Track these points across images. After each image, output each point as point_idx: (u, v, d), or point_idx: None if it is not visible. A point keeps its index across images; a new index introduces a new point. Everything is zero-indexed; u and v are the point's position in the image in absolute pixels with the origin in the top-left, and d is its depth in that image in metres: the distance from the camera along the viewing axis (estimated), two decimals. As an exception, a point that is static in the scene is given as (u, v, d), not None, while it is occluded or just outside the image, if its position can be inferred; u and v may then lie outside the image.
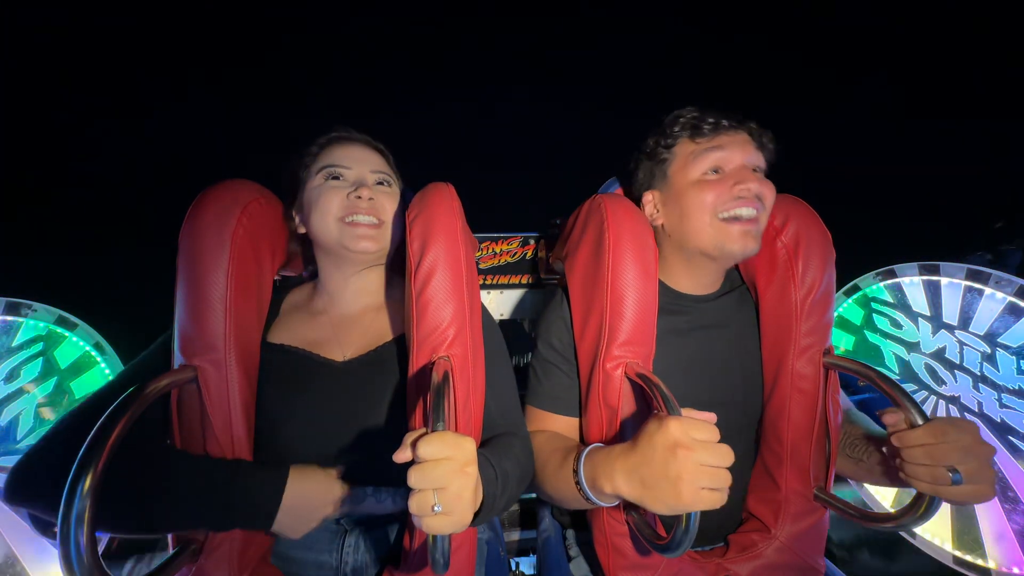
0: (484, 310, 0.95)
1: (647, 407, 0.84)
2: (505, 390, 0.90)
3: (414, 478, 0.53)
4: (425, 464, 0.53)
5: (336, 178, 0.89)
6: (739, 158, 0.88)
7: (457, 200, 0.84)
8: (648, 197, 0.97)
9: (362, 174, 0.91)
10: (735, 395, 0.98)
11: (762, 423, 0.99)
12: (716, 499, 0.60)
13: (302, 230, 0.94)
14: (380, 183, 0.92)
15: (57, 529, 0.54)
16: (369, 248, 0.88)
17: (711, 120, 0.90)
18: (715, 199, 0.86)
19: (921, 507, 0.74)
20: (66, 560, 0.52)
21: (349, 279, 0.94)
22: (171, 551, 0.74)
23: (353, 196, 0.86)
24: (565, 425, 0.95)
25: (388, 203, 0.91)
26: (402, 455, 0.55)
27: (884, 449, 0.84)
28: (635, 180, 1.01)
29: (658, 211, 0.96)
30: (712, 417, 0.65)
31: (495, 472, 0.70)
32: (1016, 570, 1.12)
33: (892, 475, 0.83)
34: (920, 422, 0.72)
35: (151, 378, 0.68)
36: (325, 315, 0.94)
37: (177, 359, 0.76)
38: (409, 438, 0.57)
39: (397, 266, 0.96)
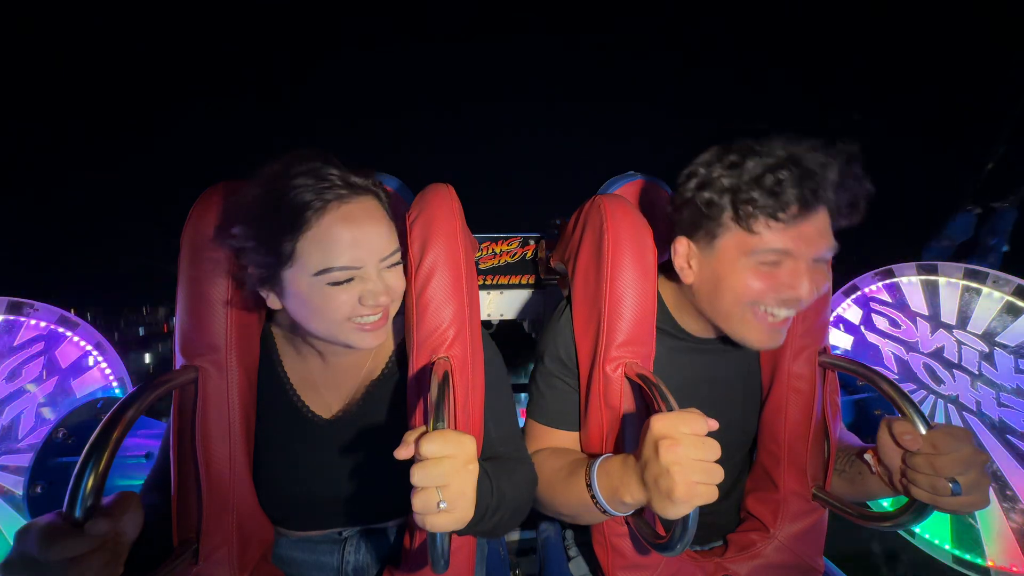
0: (487, 338, 0.92)
1: (647, 408, 0.84)
2: (506, 418, 0.89)
3: (417, 476, 0.53)
4: (428, 462, 0.54)
5: (342, 283, 0.69)
6: (807, 254, 0.74)
7: (457, 201, 0.84)
8: (683, 245, 0.83)
9: (369, 269, 0.70)
10: (735, 413, 0.97)
11: (759, 425, 0.99)
12: (709, 493, 0.60)
13: (274, 305, 0.74)
14: (390, 266, 0.74)
15: None
16: (379, 341, 0.76)
17: (797, 197, 0.70)
18: (758, 295, 0.75)
19: (916, 509, 0.74)
20: None
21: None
22: (171, 553, 0.74)
23: (365, 303, 0.70)
24: (567, 440, 0.94)
25: (399, 280, 0.75)
26: (403, 452, 0.56)
27: (867, 456, 0.84)
28: (675, 212, 0.86)
29: (690, 266, 0.83)
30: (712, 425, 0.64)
31: (491, 485, 0.70)
32: (1015, 569, 1.12)
33: (873, 483, 0.83)
34: (921, 427, 0.72)
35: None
36: (316, 355, 0.84)
37: (178, 360, 0.76)
38: (410, 436, 0.57)
39: None
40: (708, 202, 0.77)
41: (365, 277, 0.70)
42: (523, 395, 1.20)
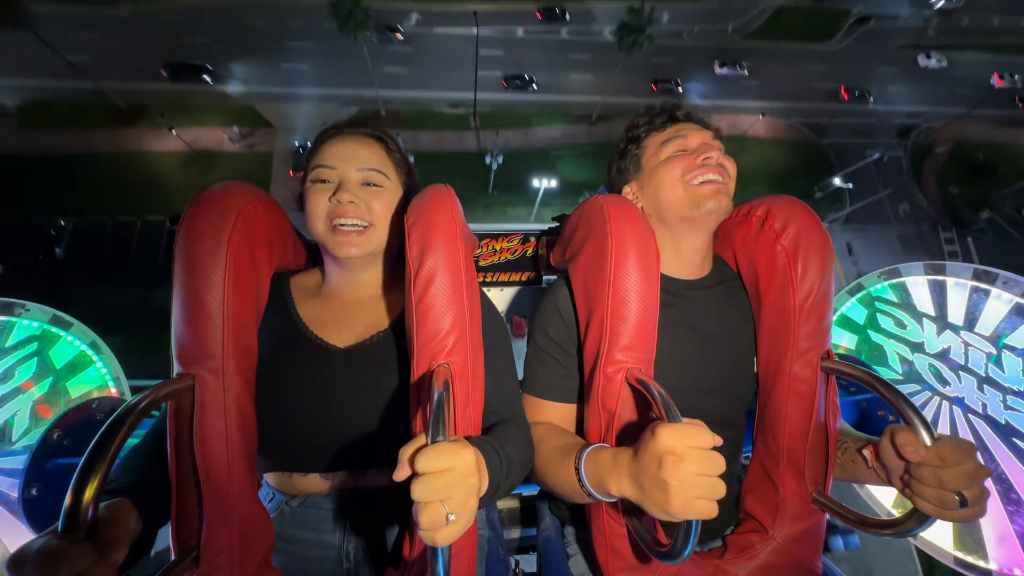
0: (486, 299, 0.95)
1: (647, 411, 0.83)
2: (505, 378, 0.91)
3: (418, 491, 0.53)
4: (428, 476, 0.53)
5: (322, 181, 0.87)
6: (698, 138, 0.99)
7: (456, 203, 0.83)
8: (627, 189, 1.05)
9: (346, 173, 0.87)
10: (722, 383, 0.98)
11: (760, 425, 0.99)
12: (708, 509, 0.60)
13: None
14: (367, 183, 0.88)
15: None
16: (354, 254, 0.86)
17: (665, 113, 1.02)
18: (683, 169, 0.95)
19: (919, 518, 0.74)
20: None
21: (350, 273, 0.94)
22: (171, 559, 0.74)
23: (334, 200, 0.85)
24: (561, 412, 0.96)
25: (376, 203, 0.88)
26: (401, 473, 0.55)
27: (865, 452, 0.85)
28: (614, 182, 1.09)
29: (637, 197, 1.03)
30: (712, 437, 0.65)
31: (500, 458, 0.71)
32: (1017, 571, 1.12)
33: (866, 473, 0.85)
34: (927, 439, 0.72)
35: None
36: (329, 298, 0.95)
37: (175, 368, 0.75)
38: (404, 454, 0.56)
39: (400, 257, 0.95)
40: (625, 148, 1.06)
41: (342, 179, 0.86)
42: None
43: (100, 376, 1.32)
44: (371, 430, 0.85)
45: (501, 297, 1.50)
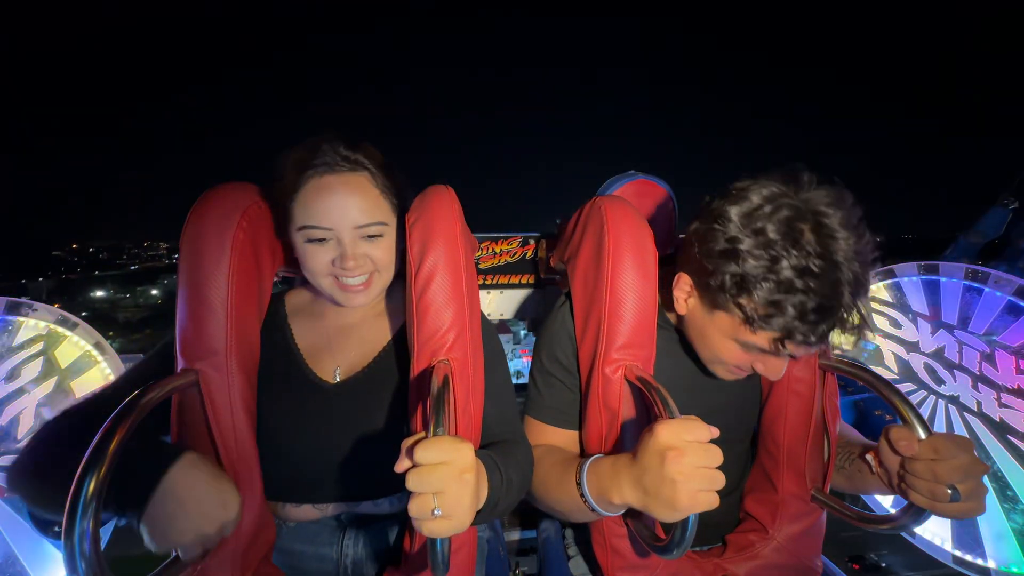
0: (484, 319, 0.94)
1: (647, 410, 0.84)
2: (503, 397, 0.90)
3: (412, 482, 0.53)
4: (423, 468, 0.53)
5: (318, 240, 0.79)
6: (782, 367, 0.79)
7: (456, 203, 0.84)
8: (687, 284, 0.83)
9: (342, 235, 0.79)
10: (730, 402, 0.98)
11: (759, 427, 0.99)
12: (711, 500, 0.60)
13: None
14: (367, 236, 0.82)
15: (62, 531, 0.54)
16: (363, 302, 0.84)
17: (808, 335, 0.68)
18: (731, 364, 0.82)
19: (914, 513, 0.75)
20: (70, 562, 0.53)
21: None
22: (174, 554, 0.74)
23: (338, 266, 0.80)
24: (564, 438, 0.95)
25: (379, 251, 0.83)
26: (402, 465, 0.55)
27: (868, 456, 0.84)
28: (688, 246, 0.82)
29: (686, 303, 0.85)
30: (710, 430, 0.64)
31: (501, 476, 0.71)
32: (1015, 569, 1.12)
33: (872, 481, 0.84)
34: (921, 433, 0.73)
35: (152, 381, 0.69)
36: (324, 320, 0.93)
37: (179, 363, 0.76)
38: (406, 444, 0.57)
39: (398, 271, 0.96)
40: (722, 284, 0.72)
41: (340, 240, 0.80)
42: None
43: (104, 376, 1.33)
44: (365, 463, 0.84)
45: (501, 300, 1.51)
